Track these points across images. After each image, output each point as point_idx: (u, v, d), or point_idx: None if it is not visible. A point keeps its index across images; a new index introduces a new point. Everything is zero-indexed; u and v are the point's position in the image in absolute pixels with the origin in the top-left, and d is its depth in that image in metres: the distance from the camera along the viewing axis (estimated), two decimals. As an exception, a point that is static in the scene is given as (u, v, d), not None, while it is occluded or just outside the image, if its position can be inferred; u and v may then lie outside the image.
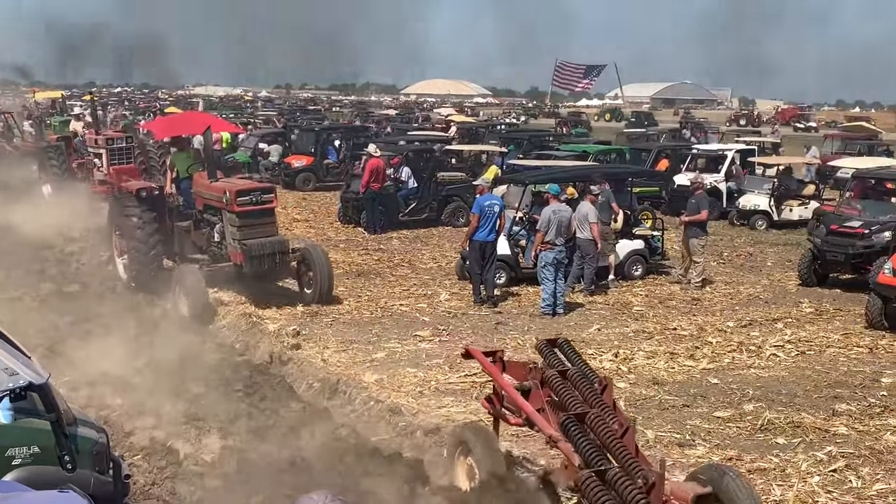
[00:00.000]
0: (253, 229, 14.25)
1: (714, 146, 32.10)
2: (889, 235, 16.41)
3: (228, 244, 14.53)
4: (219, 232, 14.87)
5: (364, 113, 65.24)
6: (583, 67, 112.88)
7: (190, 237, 15.74)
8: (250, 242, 14.06)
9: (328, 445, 8.84)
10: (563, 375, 7.11)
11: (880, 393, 11.02)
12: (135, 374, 10.89)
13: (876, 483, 8.43)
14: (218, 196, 14.61)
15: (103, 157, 24.16)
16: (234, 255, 14.38)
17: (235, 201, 14.13)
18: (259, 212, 14.43)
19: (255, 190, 14.72)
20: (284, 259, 14.46)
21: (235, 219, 14.21)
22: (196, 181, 15.62)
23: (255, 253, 13.99)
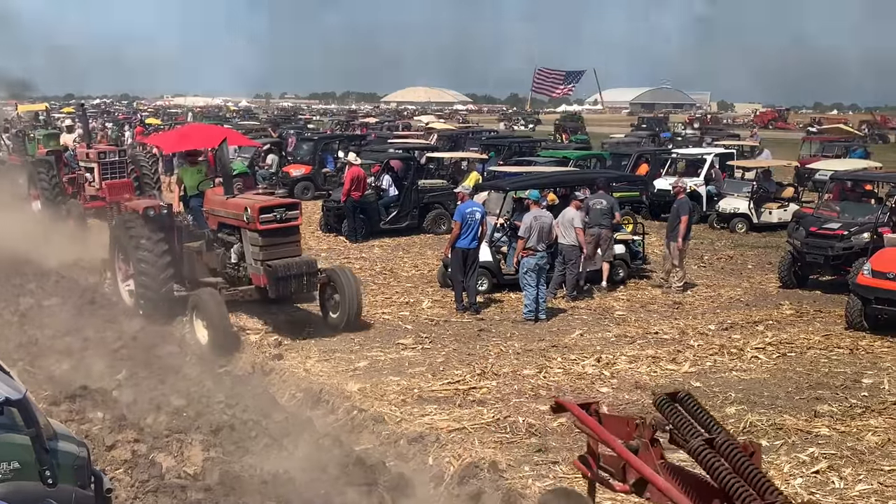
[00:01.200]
0: (277, 249, 13.21)
1: (694, 150, 32.24)
2: (868, 237, 16.51)
3: (249, 265, 13.50)
4: (237, 252, 13.77)
5: (345, 122, 65.10)
6: (562, 73, 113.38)
7: (202, 259, 14.56)
8: (275, 263, 12.97)
9: (311, 456, 8.81)
10: (709, 444, 5.13)
11: (861, 393, 11.08)
12: (116, 387, 10.83)
13: (858, 483, 8.47)
14: (237, 213, 13.52)
15: (95, 171, 23.51)
16: (257, 278, 13.28)
17: (258, 219, 13.03)
18: (283, 230, 13.34)
19: (280, 206, 13.43)
20: (312, 281, 13.39)
21: (258, 238, 13.13)
22: (209, 198, 14.48)
23: (281, 274, 12.90)
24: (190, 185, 15.34)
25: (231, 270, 13.97)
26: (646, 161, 29.62)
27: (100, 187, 23.28)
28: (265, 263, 13.04)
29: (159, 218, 14.42)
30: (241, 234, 13.57)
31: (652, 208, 26.03)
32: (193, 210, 15.03)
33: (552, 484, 8.41)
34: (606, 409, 8.74)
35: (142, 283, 14.10)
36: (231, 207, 13.73)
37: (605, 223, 17.01)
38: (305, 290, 13.47)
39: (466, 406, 10.53)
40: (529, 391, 11.11)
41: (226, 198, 13.94)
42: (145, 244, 14.07)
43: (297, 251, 13.58)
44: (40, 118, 45.19)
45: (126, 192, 22.79)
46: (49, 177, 24.40)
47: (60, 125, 46.17)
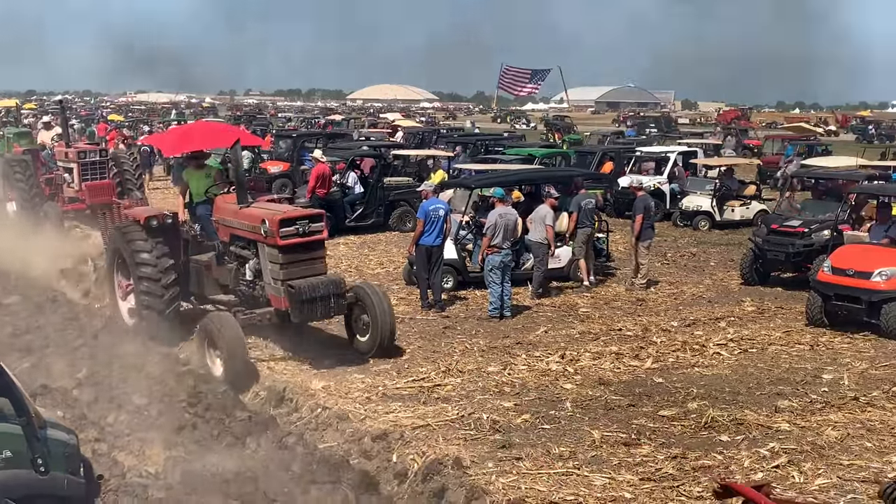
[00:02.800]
0: (300, 266, 11.74)
1: (657, 148, 32.45)
2: (828, 234, 16.71)
3: (267, 285, 12.04)
4: (252, 269, 12.36)
5: (308, 119, 64.87)
6: (528, 71, 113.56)
7: (211, 274, 13.10)
8: (298, 283, 11.49)
9: (275, 454, 8.78)
10: None
11: (821, 389, 11.21)
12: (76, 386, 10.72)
13: (818, 478, 8.57)
14: (253, 225, 12.03)
15: (74, 171, 22.61)
16: (277, 299, 11.85)
17: (278, 233, 11.51)
18: (306, 245, 11.80)
19: (302, 218, 11.84)
20: (340, 303, 11.85)
21: (278, 254, 11.64)
22: (219, 206, 13.00)
23: (306, 296, 11.44)
24: (196, 191, 13.78)
25: (245, 288, 12.59)
26: (610, 159, 29.77)
27: (79, 189, 22.44)
28: (287, 284, 11.57)
29: (163, 228, 13.01)
30: (258, 249, 12.14)
31: (616, 206, 26.15)
32: (201, 219, 13.49)
33: (516, 480, 8.45)
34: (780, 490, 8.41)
35: (144, 301, 12.78)
36: (246, 218, 12.27)
37: (590, 222, 17.07)
38: (333, 313, 12.02)
39: (431, 403, 10.53)
40: (494, 388, 11.13)
41: (239, 207, 12.49)
42: (148, 258, 12.74)
43: (322, 269, 12.10)
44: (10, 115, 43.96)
45: (107, 194, 21.86)
46: (26, 177, 23.18)
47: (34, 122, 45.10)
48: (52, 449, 5.94)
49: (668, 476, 8.55)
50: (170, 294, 12.75)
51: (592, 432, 9.57)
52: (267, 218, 11.74)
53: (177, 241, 13.22)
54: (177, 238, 13.24)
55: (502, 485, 8.38)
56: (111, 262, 13.92)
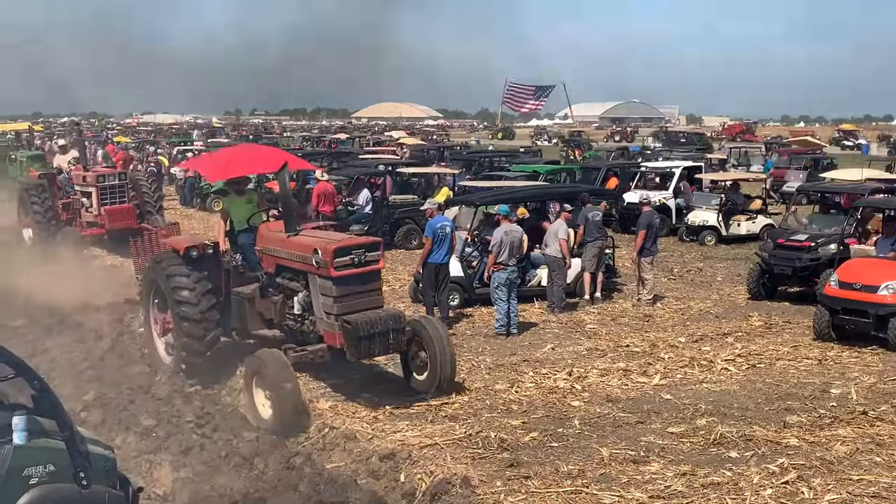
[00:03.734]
0: (356, 299, 10.88)
1: (662, 163, 32.49)
2: (835, 248, 16.69)
3: (319, 319, 11.17)
4: (301, 303, 11.46)
5: (314, 138, 65.09)
6: (533, 88, 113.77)
7: (254, 307, 12.17)
8: (355, 318, 10.62)
9: (282, 475, 8.77)
10: None
11: (830, 404, 11.17)
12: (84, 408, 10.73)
13: (827, 493, 8.52)
14: (303, 255, 11.15)
15: (93, 196, 21.95)
16: (331, 335, 10.96)
17: (333, 263, 10.66)
18: (363, 276, 10.96)
19: (358, 247, 10.98)
20: (399, 339, 10.96)
21: (332, 287, 10.75)
22: (264, 235, 12.16)
23: (363, 333, 10.55)
24: (238, 218, 12.87)
25: (292, 322, 11.71)
26: (615, 175, 29.81)
27: (98, 213, 21.91)
28: (342, 318, 10.71)
29: (203, 258, 12.17)
30: (309, 281, 11.29)
31: (622, 222, 26.18)
32: (243, 248, 12.57)
33: (524, 499, 8.42)
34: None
35: (184, 339, 11.86)
36: (295, 248, 11.38)
37: (600, 235, 17.16)
38: (391, 349, 11.15)
39: (438, 422, 10.51)
40: (501, 406, 11.11)
41: (287, 235, 11.58)
42: (189, 296, 11.85)
43: (379, 301, 11.22)
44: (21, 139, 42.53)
45: (127, 219, 21.87)
46: (42, 202, 22.42)
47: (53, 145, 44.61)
48: (94, 463, 6.08)
49: (678, 493, 8.50)
50: (212, 336, 11.96)
51: (601, 450, 9.53)
52: (319, 247, 10.82)
53: (218, 272, 12.34)
54: (218, 269, 12.37)
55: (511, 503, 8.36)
56: (147, 295, 12.97)
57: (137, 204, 22.67)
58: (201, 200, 33.54)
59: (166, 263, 12.20)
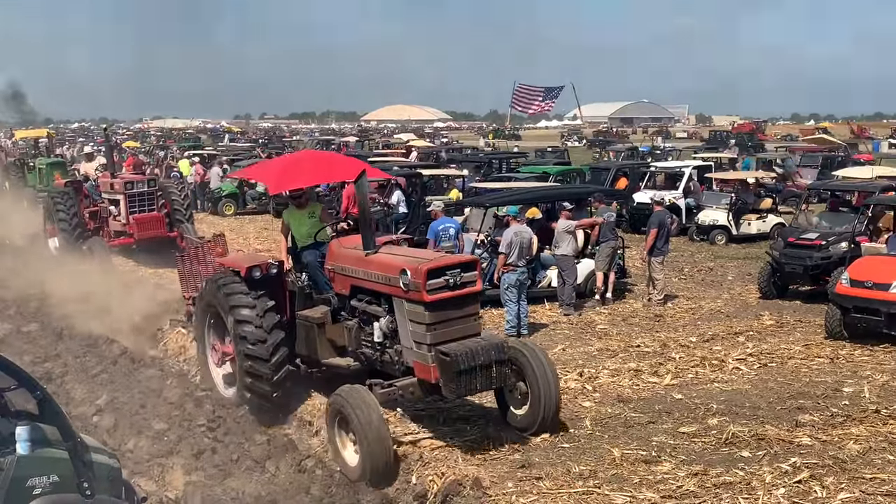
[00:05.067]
0: (452, 327, 9.47)
1: (672, 163, 32.45)
2: (846, 246, 16.63)
3: (407, 349, 9.75)
4: (384, 329, 10.04)
5: (324, 142, 65.22)
6: (541, 89, 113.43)
7: (324, 333, 10.85)
8: (453, 349, 9.18)
9: (294, 478, 8.79)
10: None
11: (842, 402, 11.12)
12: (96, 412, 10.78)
13: (840, 492, 8.48)
14: (387, 276, 9.78)
15: (121, 203, 21.28)
16: (424, 368, 9.47)
17: (425, 286, 9.25)
18: (459, 300, 9.50)
19: (453, 266, 9.52)
20: (503, 371, 9.53)
21: (424, 313, 9.32)
22: (335, 252, 10.85)
23: (464, 366, 9.11)
24: (301, 233, 11.73)
25: (370, 351, 10.37)
26: (625, 175, 29.78)
27: (126, 222, 21.29)
28: (437, 349, 9.31)
29: (266, 279, 10.99)
30: (394, 305, 9.88)
31: (632, 222, 26.15)
32: (309, 267, 11.32)
33: (535, 500, 8.41)
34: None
35: (248, 370, 10.65)
36: (377, 268, 10.02)
37: (613, 235, 17.19)
38: (495, 384, 9.67)
39: (450, 423, 10.50)
40: (512, 407, 11.07)
41: (365, 253, 10.25)
42: (251, 320, 10.62)
43: (477, 328, 9.79)
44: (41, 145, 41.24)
45: (157, 228, 21.40)
46: (68, 210, 21.59)
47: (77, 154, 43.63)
48: (98, 473, 6.10)
49: (690, 493, 8.48)
50: (278, 368, 10.69)
51: (612, 450, 9.51)
52: (409, 268, 9.42)
53: (282, 294, 11.17)
54: (282, 291, 11.19)
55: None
56: (202, 320, 11.73)
57: (167, 212, 22.00)
58: (212, 204, 33.60)
59: (226, 285, 10.93)
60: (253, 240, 25.98)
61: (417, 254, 10.27)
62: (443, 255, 10.38)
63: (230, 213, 33.49)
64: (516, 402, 10.13)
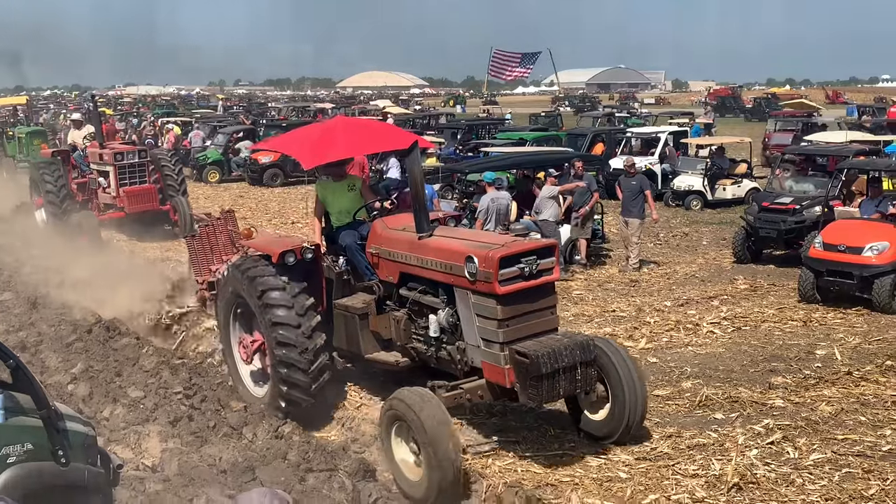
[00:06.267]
0: (528, 322, 8.28)
1: (648, 129, 32.47)
2: (819, 210, 16.75)
3: (472, 347, 8.52)
4: (442, 323, 8.78)
5: (300, 108, 64.77)
6: (519, 55, 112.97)
7: (367, 325, 9.71)
8: (532, 349, 7.96)
9: (272, 444, 8.78)
10: None
11: (815, 365, 11.26)
12: (71, 381, 10.71)
13: (812, 453, 8.60)
14: (448, 264, 8.57)
15: (111, 175, 20.42)
16: (495, 370, 8.28)
17: (497, 276, 8.04)
18: (536, 291, 8.34)
19: (529, 253, 8.28)
20: (589, 374, 8.32)
21: (497, 307, 8.12)
22: (381, 234, 9.62)
23: (546, 369, 7.89)
24: (338, 209, 10.41)
25: (422, 346, 9.21)
26: (601, 141, 29.79)
27: (117, 194, 20.46)
28: (513, 349, 8.11)
29: (301, 265, 9.70)
30: (456, 297, 8.62)
31: (608, 187, 26.17)
32: (348, 250, 9.97)
33: (512, 463, 8.48)
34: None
35: (283, 369, 9.37)
36: (434, 254, 8.81)
37: (584, 201, 17.21)
38: (580, 388, 8.40)
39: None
40: (489, 372, 11.10)
41: (419, 237, 9.07)
42: (287, 313, 9.37)
43: (555, 322, 8.61)
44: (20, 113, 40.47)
45: (149, 201, 20.60)
46: (55, 181, 20.69)
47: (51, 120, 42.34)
48: (72, 440, 6.05)
49: (664, 455, 8.58)
50: (319, 365, 9.47)
51: (588, 414, 9.57)
52: (477, 255, 8.21)
53: (318, 282, 9.92)
54: (318, 278, 9.94)
55: (499, 468, 8.42)
56: (226, 311, 10.45)
57: (158, 184, 21.19)
58: (197, 172, 33.18)
59: (255, 273, 9.59)
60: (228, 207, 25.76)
61: (482, 237, 9.10)
62: (514, 238, 8.97)
63: (214, 180, 33.27)
64: (592, 406, 8.89)
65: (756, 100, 76.75)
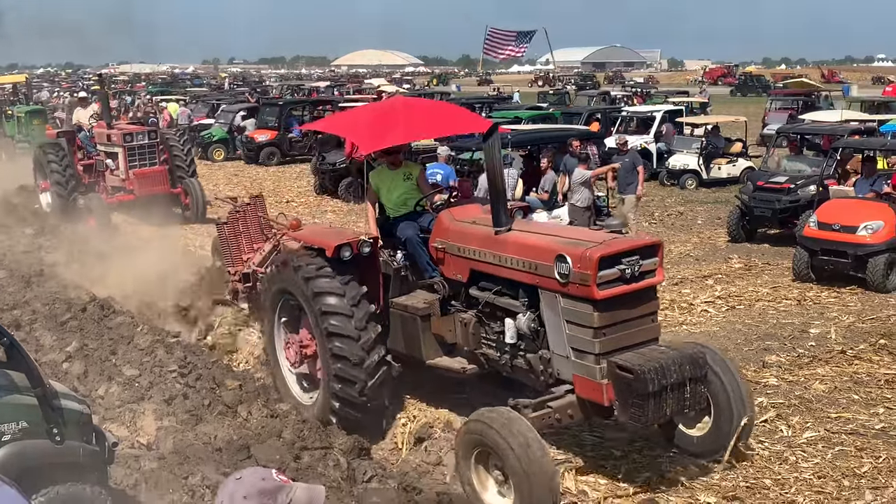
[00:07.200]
0: (627, 331, 7.39)
1: (643, 108, 32.43)
2: (814, 189, 16.76)
3: (562, 358, 7.56)
4: (525, 329, 7.79)
5: (294, 87, 64.54)
6: (514, 33, 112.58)
7: (429, 328, 8.70)
8: (636, 363, 7.02)
9: (267, 422, 8.80)
10: None
11: (808, 343, 11.29)
12: (66, 359, 10.71)
13: (805, 431, 8.64)
14: (533, 263, 7.63)
15: (120, 156, 19.71)
16: (590, 386, 7.34)
17: (596, 277, 7.13)
18: (637, 296, 7.45)
19: (630, 252, 7.38)
20: (698, 391, 7.36)
21: (593, 314, 7.20)
22: (448, 227, 8.61)
23: (654, 385, 6.94)
24: (393, 199, 9.46)
25: (494, 352, 8.28)
26: (596, 119, 29.73)
27: (126, 177, 19.71)
28: (612, 362, 7.17)
29: (357, 261, 8.80)
30: (541, 301, 7.70)
31: (603, 166, 26.12)
32: (409, 243, 8.92)
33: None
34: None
35: (337, 382, 8.58)
36: (516, 250, 7.86)
37: None
38: (688, 408, 7.44)
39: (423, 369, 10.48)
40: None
41: (495, 231, 8.11)
42: (343, 318, 8.51)
43: (657, 331, 7.71)
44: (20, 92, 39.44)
45: (160, 183, 19.89)
46: (61, 163, 19.81)
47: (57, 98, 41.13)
48: (67, 418, 6.05)
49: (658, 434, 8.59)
50: (376, 381, 8.62)
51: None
52: (571, 253, 7.27)
53: (374, 279, 8.99)
54: (374, 275, 9.01)
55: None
56: (271, 309, 9.64)
57: (167, 165, 20.42)
58: (202, 150, 32.96)
59: (309, 273, 8.72)
60: (223, 186, 25.75)
61: (572, 233, 8.18)
62: (613, 235, 8.01)
63: (220, 158, 33.16)
64: (689, 421, 7.96)
65: None
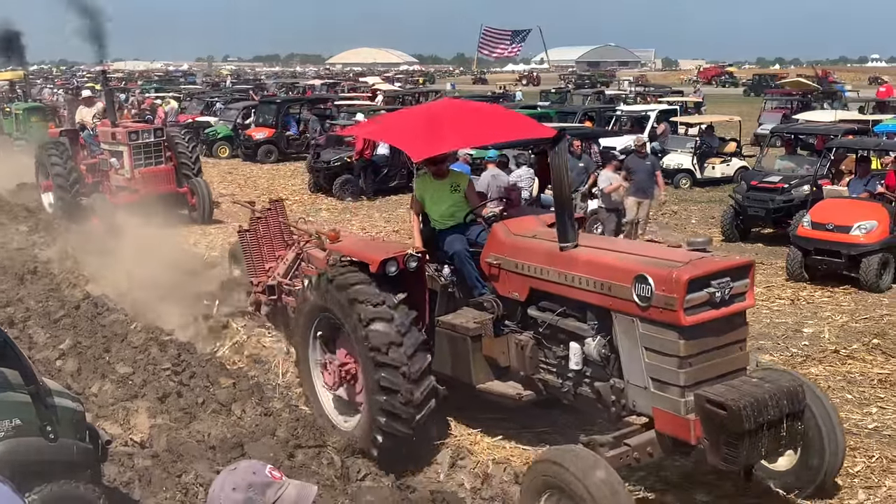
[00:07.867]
0: (715, 360, 6.60)
1: (637, 107, 32.47)
2: (808, 189, 16.79)
3: (639, 389, 6.80)
4: (594, 355, 7.09)
5: (288, 85, 64.49)
6: (509, 32, 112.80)
7: (479, 349, 8.06)
8: (728, 397, 6.21)
9: (260, 420, 8.79)
10: None
11: (802, 343, 11.32)
12: (59, 357, 10.69)
13: (798, 430, 8.64)
14: (606, 283, 6.90)
15: (125, 155, 19.08)
16: (672, 421, 6.53)
17: (683, 301, 6.35)
18: (727, 321, 6.68)
19: (721, 273, 6.58)
20: (796, 431, 6.57)
21: (679, 341, 6.42)
22: (503, 240, 7.97)
23: (750, 423, 6.13)
24: (440, 211, 8.85)
25: (554, 378, 7.66)
26: (591, 119, 29.75)
27: (131, 176, 19.09)
28: (700, 395, 6.36)
29: (403, 276, 8.12)
30: (615, 325, 6.93)
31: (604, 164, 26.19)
32: (457, 257, 8.39)
33: (500, 441, 8.50)
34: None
35: (381, 416, 7.79)
36: (584, 268, 7.15)
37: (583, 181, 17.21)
38: (784, 446, 6.74)
39: None
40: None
41: (560, 247, 7.40)
42: (393, 348, 7.72)
43: (745, 361, 6.94)
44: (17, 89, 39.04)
45: (166, 183, 19.41)
46: (64, 162, 19.39)
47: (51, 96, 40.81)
48: (61, 416, 6.05)
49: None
50: (423, 415, 7.91)
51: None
52: (654, 274, 6.51)
53: (420, 295, 8.30)
54: (420, 291, 8.33)
55: (487, 445, 8.44)
56: (306, 328, 8.86)
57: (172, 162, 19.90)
58: (207, 147, 32.78)
59: (355, 294, 7.93)
60: (217, 184, 25.68)
61: (651, 250, 7.20)
62: (701, 255, 6.85)
63: (225, 155, 33.12)
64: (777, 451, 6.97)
65: None
